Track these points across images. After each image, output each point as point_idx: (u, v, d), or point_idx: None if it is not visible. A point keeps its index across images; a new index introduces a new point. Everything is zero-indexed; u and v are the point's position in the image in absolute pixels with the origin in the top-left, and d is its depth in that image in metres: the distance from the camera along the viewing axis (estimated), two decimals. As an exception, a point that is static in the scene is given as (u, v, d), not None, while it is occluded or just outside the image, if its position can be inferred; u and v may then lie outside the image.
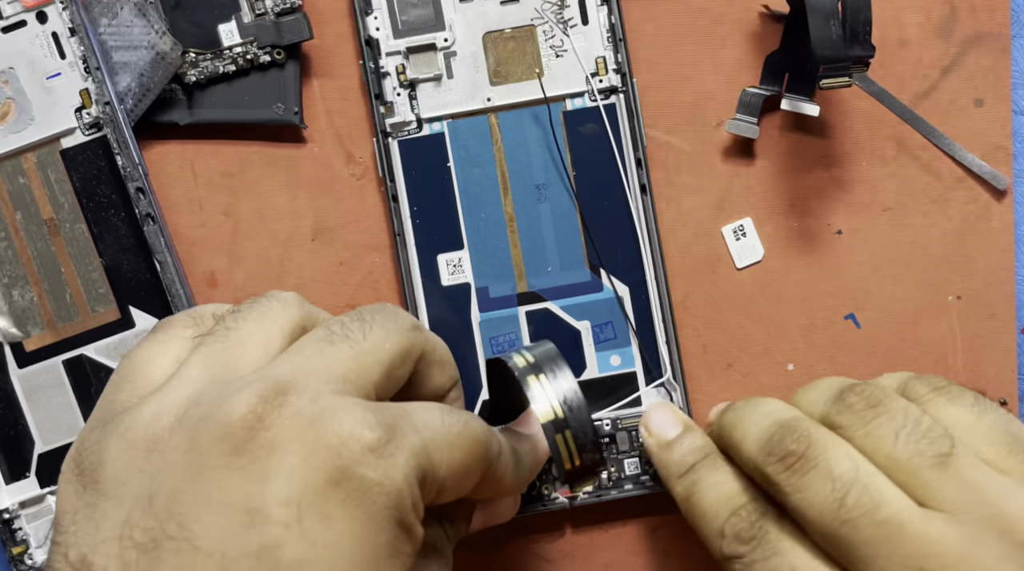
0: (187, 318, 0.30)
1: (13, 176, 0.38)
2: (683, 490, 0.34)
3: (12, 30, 0.38)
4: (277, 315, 0.29)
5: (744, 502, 0.32)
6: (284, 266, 0.40)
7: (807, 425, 0.31)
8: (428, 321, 0.39)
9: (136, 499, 0.25)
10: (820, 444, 0.30)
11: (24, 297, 0.38)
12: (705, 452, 0.34)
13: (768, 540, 0.31)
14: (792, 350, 0.40)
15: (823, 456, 0.29)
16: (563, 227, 0.39)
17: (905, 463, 0.29)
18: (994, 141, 0.40)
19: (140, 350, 0.29)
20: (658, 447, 0.35)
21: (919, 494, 0.28)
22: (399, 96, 0.39)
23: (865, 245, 0.40)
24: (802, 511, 0.29)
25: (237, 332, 0.28)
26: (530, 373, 0.30)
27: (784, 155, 0.40)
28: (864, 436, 0.30)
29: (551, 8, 0.38)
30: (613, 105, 0.39)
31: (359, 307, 0.30)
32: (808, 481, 0.29)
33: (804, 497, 0.29)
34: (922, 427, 0.29)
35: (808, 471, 0.29)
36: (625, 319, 0.39)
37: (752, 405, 0.33)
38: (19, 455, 0.39)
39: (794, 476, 0.30)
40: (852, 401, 0.31)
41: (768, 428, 0.31)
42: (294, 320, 0.29)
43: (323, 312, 0.31)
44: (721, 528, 0.32)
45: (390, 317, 0.29)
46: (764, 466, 0.31)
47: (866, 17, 0.34)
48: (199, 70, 0.38)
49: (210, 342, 0.28)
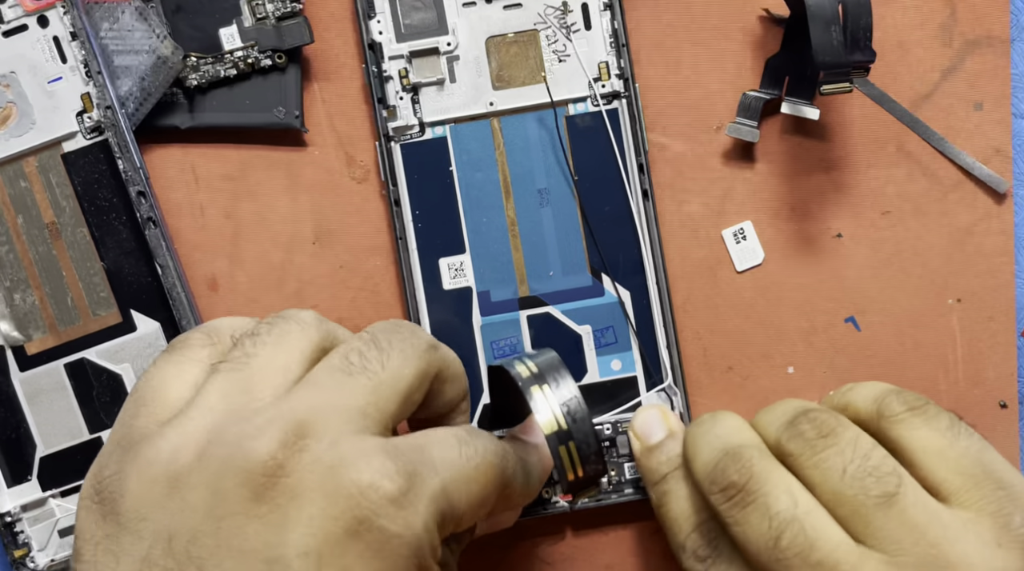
0: (203, 337, 0.30)
1: (15, 180, 0.38)
2: (655, 498, 0.34)
3: (13, 34, 0.38)
4: (296, 339, 0.29)
5: (705, 519, 0.32)
6: (285, 269, 0.40)
7: (751, 455, 0.30)
8: (430, 325, 0.39)
9: (156, 536, 0.25)
10: (761, 478, 0.30)
11: (26, 300, 0.38)
12: (680, 462, 0.34)
13: (721, 561, 0.31)
14: (792, 353, 0.40)
15: (762, 491, 0.29)
16: (565, 231, 0.39)
17: (850, 499, 0.29)
18: (994, 144, 0.40)
19: (156, 371, 0.29)
20: (640, 451, 0.36)
21: (860, 531, 0.28)
22: (401, 100, 0.39)
23: (865, 248, 0.40)
24: (741, 544, 0.30)
25: (256, 358, 0.28)
26: (533, 383, 0.30)
27: (784, 158, 0.40)
28: (812, 467, 0.30)
29: (554, 13, 0.39)
30: (615, 110, 0.39)
31: (376, 327, 0.30)
32: (746, 515, 0.29)
33: (742, 531, 0.29)
34: (870, 463, 0.29)
35: (747, 505, 0.29)
36: (627, 323, 0.39)
37: (709, 424, 0.33)
38: (21, 458, 0.39)
39: (734, 508, 0.30)
40: (804, 429, 0.30)
41: (715, 454, 0.31)
42: (313, 342, 0.29)
43: (342, 329, 0.31)
44: (683, 543, 0.32)
45: (407, 341, 0.29)
46: (708, 494, 0.31)
47: (867, 23, 0.34)
48: (200, 74, 0.38)
49: (228, 369, 0.28)
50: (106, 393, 0.38)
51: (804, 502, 0.29)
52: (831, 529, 0.28)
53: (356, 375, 0.28)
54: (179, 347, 0.30)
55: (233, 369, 0.28)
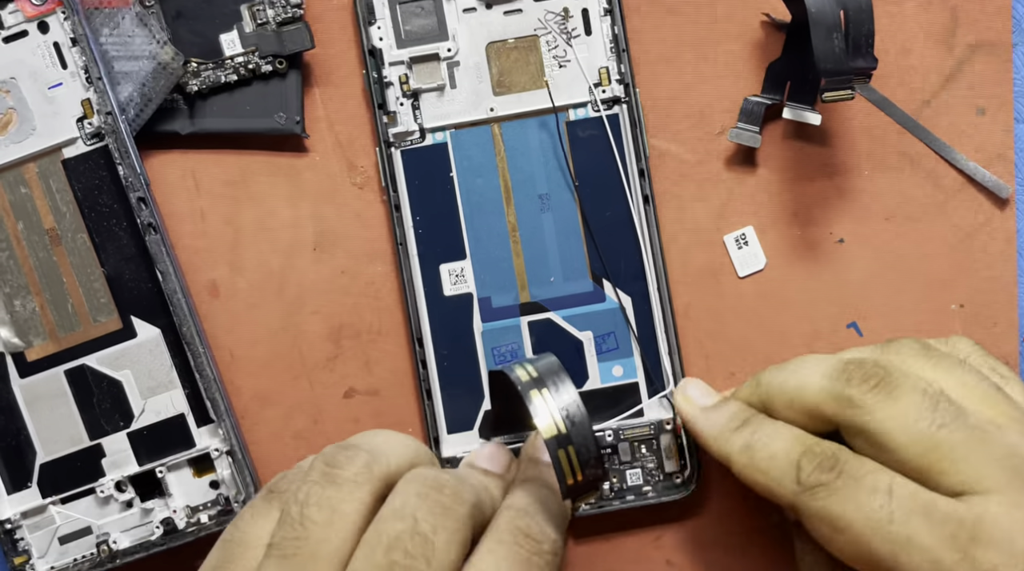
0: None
1: (15, 186, 0.38)
2: (742, 442, 0.33)
3: (14, 40, 0.38)
4: (347, 509, 0.29)
5: (814, 441, 0.32)
6: (285, 275, 0.40)
7: (875, 358, 0.32)
8: (430, 331, 0.39)
9: None
10: (899, 369, 0.31)
11: (26, 307, 0.38)
12: (753, 412, 0.34)
13: (852, 465, 0.30)
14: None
15: (906, 377, 0.31)
16: (566, 237, 0.39)
17: (975, 386, 0.31)
18: (996, 150, 0.40)
19: (243, 522, 0.31)
20: (700, 411, 0.35)
21: None
22: (402, 106, 0.39)
23: (867, 254, 0.40)
24: (887, 430, 0.30)
25: (307, 543, 0.28)
26: (533, 387, 0.30)
27: (786, 164, 0.40)
28: (934, 367, 0.32)
29: (554, 18, 0.38)
30: (616, 115, 0.39)
31: (408, 502, 0.29)
32: (896, 398, 0.30)
33: (890, 415, 0.30)
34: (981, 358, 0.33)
35: (893, 390, 0.30)
36: (628, 329, 0.39)
37: (796, 361, 0.33)
38: (21, 465, 0.39)
39: (880, 395, 0.30)
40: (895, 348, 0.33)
41: (836, 365, 0.32)
42: (366, 505, 0.29)
43: (395, 458, 0.31)
44: (797, 461, 0.31)
45: (450, 517, 0.29)
46: (846, 389, 0.31)
47: (869, 30, 0.34)
48: (201, 80, 0.38)
49: (279, 556, 0.28)
50: (106, 399, 0.38)
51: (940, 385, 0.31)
52: (975, 405, 0.31)
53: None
54: (274, 493, 0.31)
55: (283, 555, 0.28)
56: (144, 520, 0.38)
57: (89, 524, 0.38)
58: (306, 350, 0.40)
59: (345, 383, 0.40)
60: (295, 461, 0.39)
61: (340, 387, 0.40)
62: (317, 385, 0.40)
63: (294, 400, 0.40)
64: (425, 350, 0.39)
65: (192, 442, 0.38)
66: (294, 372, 0.40)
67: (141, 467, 0.38)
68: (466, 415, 0.39)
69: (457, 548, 0.29)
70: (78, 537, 0.38)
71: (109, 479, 0.38)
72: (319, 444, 0.40)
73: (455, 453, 0.38)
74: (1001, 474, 0.29)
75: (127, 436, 0.38)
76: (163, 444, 0.38)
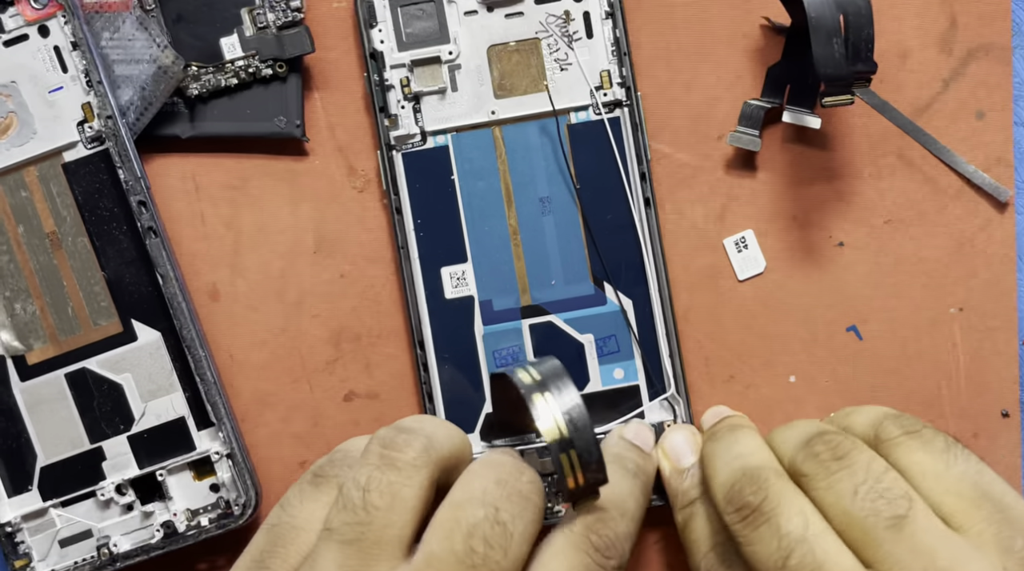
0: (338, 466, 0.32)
1: (15, 190, 0.38)
2: (681, 520, 0.35)
3: (14, 44, 0.38)
4: (408, 494, 0.29)
5: (721, 540, 0.33)
6: (286, 279, 0.40)
7: (767, 476, 0.31)
8: (431, 335, 0.39)
9: None
10: (775, 498, 0.30)
11: (26, 310, 0.38)
12: (699, 494, 0.35)
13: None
14: (794, 362, 0.40)
15: (775, 511, 0.30)
16: (567, 240, 0.39)
17: (860, 521, 0.29)
18: (995, 153, 0.40)
19: (291, 505, 0.31)
20: (669, 473, 0.36)
21: (869, 556, 0.28)
22: (403, 109, 0.39)
23: (867, 257, 0.40)
24: (753, 563, 0.30)
25: (370, 528, 0.28)
26: (535, 391, 0.30)
27: (786, 167, 0.40)
28: (825, 489, 0.30)
29: (556, 21, 0.39)
30: (617, 118, 0.39)
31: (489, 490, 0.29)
32: (759, 535, 0.30)
33: (755, 550, 0.30)
34: (882, 484, 0.29)
35: (760, 525, 0.30)
36: (629, 332, 0.39)
37: (728, 442, 0.34)
38: (22, 468, 0.39)
39: (747, 528, 0.30)
40: (819, 450, 0.31)
41: (733, 474, 0.32)
42: (425, 489, 0.29)
43: (448, 443, 0.31)
44: (699, 563, 0.33)
45: (529, 508, 0.30)
46: (723, 514, 0.31)
47: (868, 34, 0.34)
48: (201, 83, 0.38)
49: (340, 540, 0.28)
50: (107, 403, 0.38)
51: (815, 524, 0.29)
52: (841, 554, 0.28)
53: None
54: (322, 478, 0.31)
55: (345, 541, 0.28)
56: (144, 523, 0.38)
57: (90, 527, 0.39)
58: (306, 353, 0.40)
59: (345, 386, 0.40)
60: (295, 464, 0.40)
61: (340, 390, 0.40)
62: (317, 388, 0.40)
63: (294, 403, 0.40)
64: (426, 353, 0.39)
65: (192, 445, 0.38)
66: (294, 375, 0.40)
67: (141, 470, 0.38)
68: (467, 417, 0.39)
69: (531, 540, 0.29)
70: (79, 540, 0.39)
71: (109, 482, 0.38)
72: (319, 447, 0.40)
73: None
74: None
75: (127, 439, 0.38)
76: (163, 447, 0.38)
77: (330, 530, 0.29)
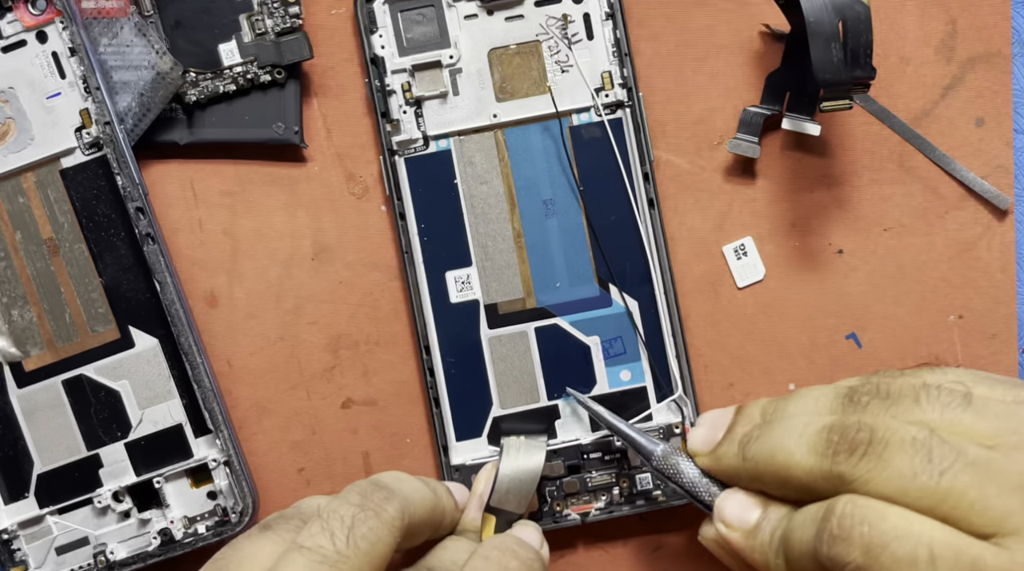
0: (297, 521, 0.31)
1: (13, 196, 0.38)
2: (782, 563, 0.31)
3: (12, 50, 0.38)
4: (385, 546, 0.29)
5: None
6: (284, 285, 0.40)
7: (854, 417, 0.29)
8: (437, 339, 0.39)
9: None
10: (883, 425, 0.28)
11: (23, 317, 0.38)
12: (784, 513, 0.31)
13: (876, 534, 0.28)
14: (793, 370, 0.40)
15: (892, 432, 0.28)
16: (571, 242, 0.39)
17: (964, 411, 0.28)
18: (995, 160, 0.40)
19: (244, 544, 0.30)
20: (745, 538, 0.32)
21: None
22: (405, 114, 0.39)
23: (866, 264, 0.40)
24: (890, 496, 0.27)
25: (348, 563, 0.28)
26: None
27: (785, 174, 0.40)
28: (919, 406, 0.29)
29: (556, 24, 0.38)
30: (619, 119, 0.39)
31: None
32: (887, 459, 0.28)
33: (887, 479, 0.28)
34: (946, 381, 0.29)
35: (882, 451, 0.28)
36: (635, 333, 0.38)
37: (775, 427, 0.31)
38: (18, 475, 0.38)
39: (870, 462, 0.28)
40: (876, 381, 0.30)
41: (816, 435, 0.30)
42: (391, 548, 0.29)
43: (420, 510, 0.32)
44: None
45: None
46: (833, 467, 0.29)
47: (867, 40, 0.34)
48: (199, 90, 0.38)
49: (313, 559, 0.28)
50: (104, 410, 0.38)
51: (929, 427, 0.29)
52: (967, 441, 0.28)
53: None
54: (272, 526, 0.30)
55: (317, 561, 0.28)
56: (141, 531, 0.38)
57: (86, 534, 0.38)
58: (304, 360, 0.40)
59: (343, 393, 0.40)
60: (293, 471, 0.39)
61: (338, 397, 0.40)
62: (315, 395, 0.40)
63: (292, 410, 0.40)
64: (432, 358, 0.39)
65: (190, 452, 0.38)
66: (292, 382, 0.40)
67: (138, 477, 0.38)
68: (474, 422, 0.39)
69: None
70: (75, 547, 0.38)
71: (106, 489, 0.38)
72: (316, 454, 0.40)
73: (464, 460, 0.38)
74: (1022, 506, 0.26)
75: (124, 446, 0.38)
76: (161, 454, 0.38)
77: (303, 547, 0.28)
